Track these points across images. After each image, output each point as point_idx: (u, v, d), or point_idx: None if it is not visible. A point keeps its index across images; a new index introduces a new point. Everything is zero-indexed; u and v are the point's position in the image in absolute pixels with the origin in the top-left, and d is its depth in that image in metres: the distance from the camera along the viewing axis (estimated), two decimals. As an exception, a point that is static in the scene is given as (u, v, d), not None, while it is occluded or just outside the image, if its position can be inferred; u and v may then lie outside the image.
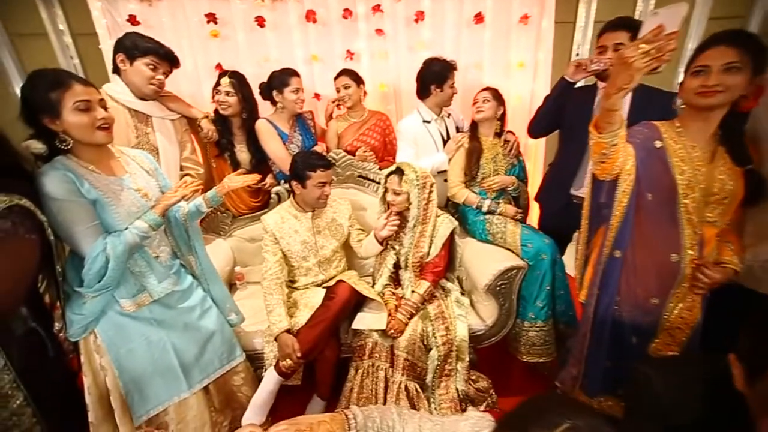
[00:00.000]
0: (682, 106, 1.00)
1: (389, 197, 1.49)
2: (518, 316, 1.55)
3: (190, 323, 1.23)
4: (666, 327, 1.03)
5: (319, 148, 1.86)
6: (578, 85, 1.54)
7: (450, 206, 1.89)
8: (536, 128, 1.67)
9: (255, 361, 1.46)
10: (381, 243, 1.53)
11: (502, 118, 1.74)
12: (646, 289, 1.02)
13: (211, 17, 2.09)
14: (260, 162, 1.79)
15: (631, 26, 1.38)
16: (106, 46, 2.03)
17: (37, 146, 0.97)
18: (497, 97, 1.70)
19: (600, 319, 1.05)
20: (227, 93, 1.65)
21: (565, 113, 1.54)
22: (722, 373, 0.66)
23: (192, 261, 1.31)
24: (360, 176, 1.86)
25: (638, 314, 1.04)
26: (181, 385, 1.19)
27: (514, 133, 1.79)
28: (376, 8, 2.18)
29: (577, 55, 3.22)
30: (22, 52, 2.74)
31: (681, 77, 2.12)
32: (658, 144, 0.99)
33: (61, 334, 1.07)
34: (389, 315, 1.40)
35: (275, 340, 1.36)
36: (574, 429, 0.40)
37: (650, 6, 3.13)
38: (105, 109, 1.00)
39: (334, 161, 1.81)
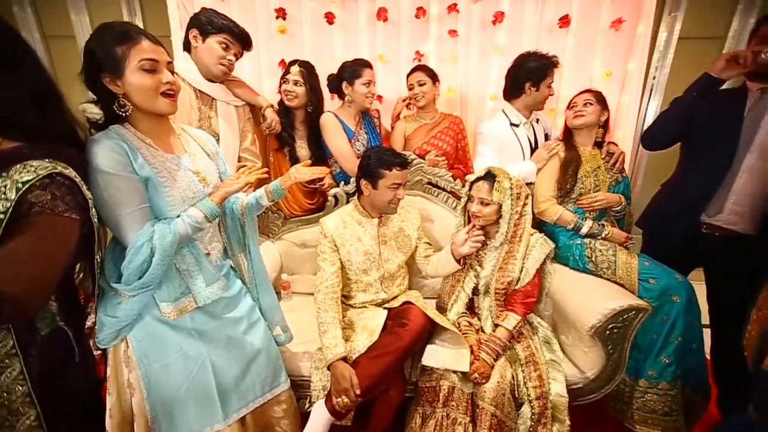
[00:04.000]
0: None
1: (474, 207, 1.24)
2: (629, 372, 1.21)
3: (234, 338, 1.02)
4: None
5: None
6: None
7: (534, 225, 1.60)
8: (658, 137, 1.37)
9: (297, 389, 1.22)
10: (458, 261, 1.27)
11: (605, 126, 1.46)
12: None
13: (281, 12, 2.02)
14: (319, 160, 1.62)
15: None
16: (176, 39, 2.01)
17: (94, 111, 0.84)
18: (601, 100, 1.44)
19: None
20: (295, 82, 1.51)
21: (703, 119, 1.24)
22: None
23: (243, 263, 1.12)
24: (429, 183, 1.63)
25: None
26: (216, 413, 0.96)
27: (617, 144, 1.50)
28: (452, 8, 2.03)
29: (654, 77, 2.84)
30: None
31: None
32: None
33: (92, 332, 0.90)
34: (471, 353, 1.12)
35: (327, 368, 1.12)
36: None
37: (748, 23, 2.75)
38: (172, 73, 0.86)
39: (403, 163, 1.61)
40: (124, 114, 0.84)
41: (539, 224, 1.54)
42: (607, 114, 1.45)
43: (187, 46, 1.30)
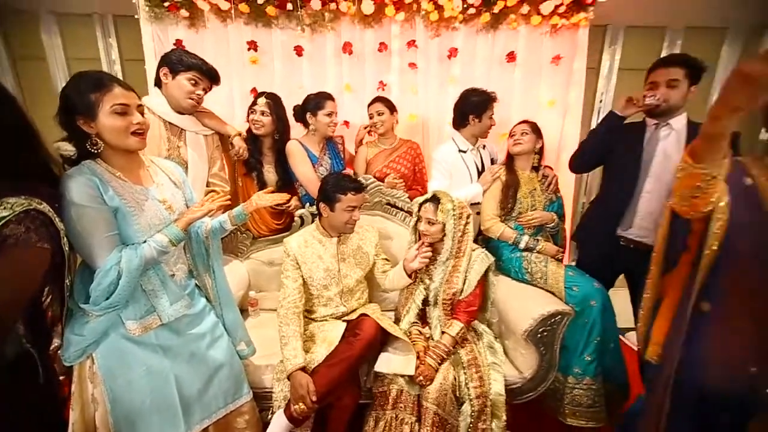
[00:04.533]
0: None
1: (422, 227, 1.39)
2: (560, 371, 1.36)
3: (197, 353, 1.10)
4: None
5: (348, 173, 1.81)
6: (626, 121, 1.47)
7: (481, 241, 1.77)
8: (579, 163, 1.58)
9: (260, 401, 1.30)
10: (410, 276, 1.40)
11: (540, 152, 1.66)
12: (743, 354, 0.85)
13: (253, 45, 2.17)
14: (286, 184, 1.74)
15: (687, 63, 1.34)
16: (151, 67, 2.11)
17: (67, 148, 0.94)
18: (536, 130, 1.65)
19: (682, 387, 0.87)
20: (262, 113, 1.64)
21: (613, 149, 1.46)
22: None
23: (208, 282, 1.21)
24: (388, 204, 1.78)
25: (732, 385, 0.86)
26: (179, 425, 1.03)
27: (551, 168, 1.71)
28: (411, 43, 2.24)
29: (601, 100, 3.23)
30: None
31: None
32: (748, 181, 0.87)
33: (57, 353, 0.96)
34: (417, 358, 1.24)
35: (288, 378, 1.21)
36: None
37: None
38: (142, 114, 0.97)
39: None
40: (96, 151, 0.94)
41: (486, 240, 1.71)
42: (541, 142, 1.66)
43: (158, 82, 1.41)
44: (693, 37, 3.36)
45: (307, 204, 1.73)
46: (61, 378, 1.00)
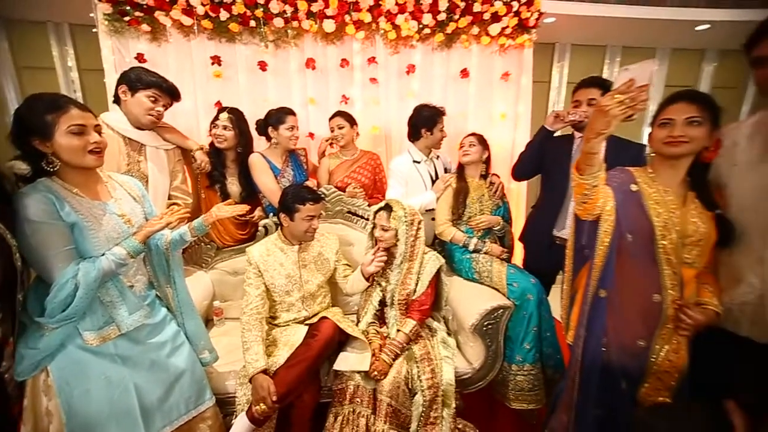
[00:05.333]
0: (652, 155, 1.08)
1: (377, 233, 1.50)
2: (505, 359, 1.50)
3: (157, 361, 1.14)
4: (654, 371, 1.01)
5: (311, 183, 1.89)
6: (557, 134, 1.66)
7: (437, 244, 1.90)
8: (519, 172, 1.76)
9: (225, 406, 1.34)
10: (367, 279, 1.50)
11: (487, 162, 1.83)
12: (633, 330, 1.02)
13: (216, 59, 2.22)
14: (250, 195, 1.80)
15: (602, 84, 1.54)
16: (111, 80, 2.11)
17: (21, 167, 0.96)
18: (482, 142, 1.80)
19: (588, 362, 1.03)
20: (224, 127, 1.70)
21: (546, 159, 1.64)
22: (722, 421, 0.64)
23: (169, 293, 1.25)
24: (349, 212, 1.88)
25: (626, 357, 1.02)
26: (138, 432, 1.06)
27: (498, 176, 1.87)
28: (372, 60, 2.38)
29: (553, 109, 3.57)
30: (26, 84, 2.83)
31: (648, 131, 2.33)
32: (633, 188, 1.05)
33: (6, 375, 0.97)
34: (373, 355, 1.34)
35: (250, 381, 1.26)
36: None
37: (614, 71, 3.53)
38: (99, 134, 1.02)
39: (324, 196, 1.84)
40: (52, 169, 0.98)
41: (442, 243, 1.84)
42: (487, 152, 1.82)
43: (116, 99, 1.45)
44: (629, 55, 3.74)
45: (271, 214, 1.80)
46: (13, 402, 1.00)
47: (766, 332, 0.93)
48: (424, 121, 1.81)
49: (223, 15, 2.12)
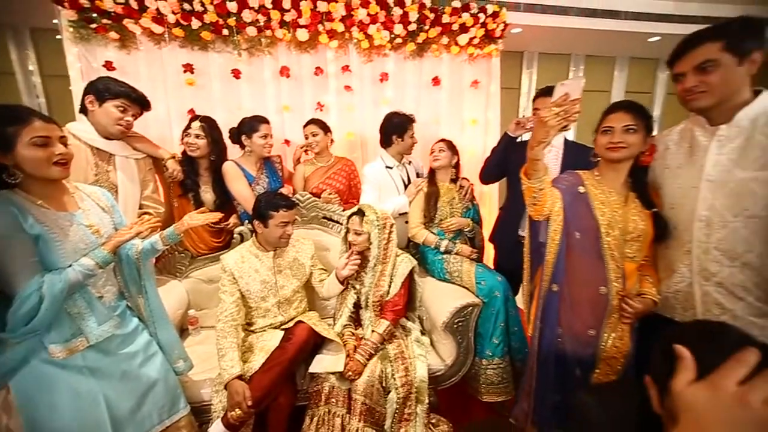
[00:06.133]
0: (597, 159, 1.18)
1: (351, 237, 1.54)
2: (476, 355, 1.57)
3: (129, 371, 1.13)
4: (604, 357, 1.10)
5: (286, 190, 1.92)
6: (520, 139, 1.76)
7: (411, 247, 1.96)
8: (486, 176, 1.85)
9: (201, 415, 1.34)
10: (342, 282, 1.54)
11: (457, 166, 1.91)
12: (583, 321, 1.10)
13: (189, 67, 2.22)
14: (224, 203, 1.81)
15: (549, 94, 1.66)
16: (77, 88, 2.06)
17: (-21, 180, 0.95)
18: (451, 147, 1.89)
19: (544, 351, 1.11)
20: (197, 136, 1.71)
21: (510, 163, 1.74)
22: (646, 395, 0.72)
23: (141, 303, 1.25)
24: (324, 217, 1.91)
25: (579, 346, 1.11)
26: (109, 445, 1.06)
27: (468, 180, 1.96)
28: (346, 68, 2.43)
29: (523, 115, 3.75)
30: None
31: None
32: (581, 189, 1.15)
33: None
34: (347, 356, 1.38)
35: (225, 388, 1.27)
36: None
37: (579, 81, 3.74)
38: (65, 145, 1.02)
39: (299, 203, 1.87)
40: (13, 182, 0.97)
41: (417, 245, 1.91)
42: (457, 157, 1.90)
43: (83, 109, 1.43)
44: (591, 63, 3.97)
45: (246, 221, 1.81)
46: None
47: (695, 317, 1.04)
48: (395, 128, 1.87)
49: (195, 24, 2.12)
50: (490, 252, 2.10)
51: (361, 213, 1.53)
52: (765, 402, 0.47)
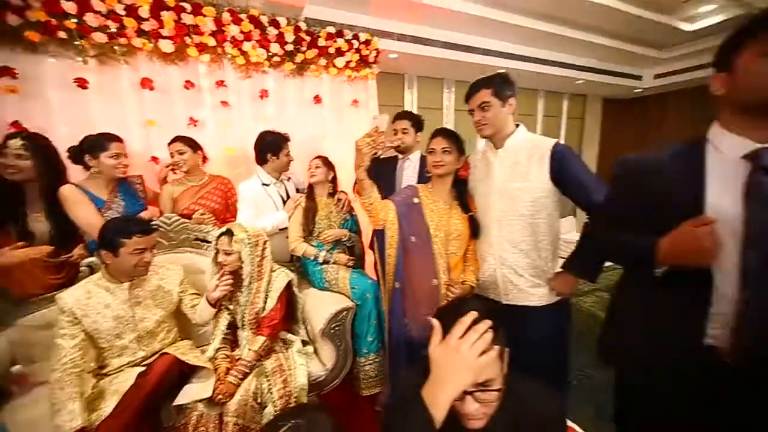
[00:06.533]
0: (430, 174, 1.45)
1: (220, 258, 1.52)
2: (356, 355, 1.71)
3: None
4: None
5: (149, 212, 1.77)
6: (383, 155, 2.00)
7: (295, 260, 2.02)
8: (357, 190, 2.03)
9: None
10: (214, 305, 1.50)
11: (334, 181, 2.05)
12: (423, 309, 1.34)
13: (8, 71, 1.85)
14: (64, 233, 1.57)
15: (411, 117, 1.94)
16: None
17: None
18: (327, 163, 2.02)
19: (394, 340, 1.30)
20: (18, 156, 1.46)
21: (377, 177, 1.95)
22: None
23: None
24: (197, 239, 1.82)
25: (422, 331, 1.33)
26: None
27: (345, 193, 2.12)
28: (220, 83, 2.37)
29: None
30: None
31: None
32: (415, 200, 1.38)
33: None
34: (218, 380, 1.35)
35: (64, 446, 1.12)
36: None
37: (452, 99, 4.34)
38: None
39: (165, 226, 1.75)
40: None
41: (300, 258, 1.97)
42: (333, 173, 2.04)
43: None
44: (461, 87, 4.66)
45: (96, 251, 1.60)
46: None
47: (500, 296, 1.36)
48: (269, 147, 1.92)
49: (14, 20, 1.79)
50: (371, 258, 2.30)
51: (229, 233, 1.53)
52: (469, 348, 0.68)
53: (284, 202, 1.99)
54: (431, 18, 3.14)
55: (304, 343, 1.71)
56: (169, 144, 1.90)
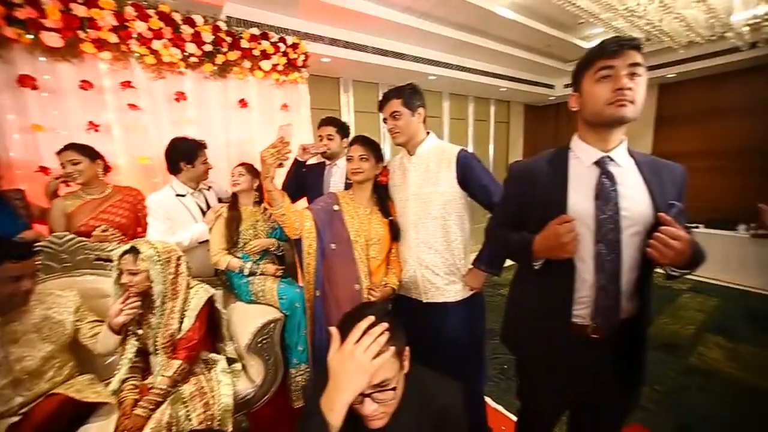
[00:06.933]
0: (350, 181, 1.47)
1: (125, 278, 1.38)
2: (288, 366, 1.67)
3: None
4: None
5: (33, 232, 1.54)
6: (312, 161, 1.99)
7: (221, 274, 1.91)
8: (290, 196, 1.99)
9: None
10: (118, 332, 1.36)
11: (260, 189, 1.97)
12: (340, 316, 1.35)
13: None
14: None
15: (336, 124, 1.95)
16: None
17: None
18: (252, 170, 1.94)
19: (317, 348, 1.30)
20: None
21: (305, 184, 1.94)
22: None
23: None
24: (99, 259, 1.63)
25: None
26: None
27: (274, 200, 2.06)
28: (127, 84, 2.14)
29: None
30: None
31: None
32: (336, 207, 1.40)
33: None
34: (123, 414, 1.22)
35: None
36: None
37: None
38: None
39: (56, 246, 1.53)
40: None
41: (225, 272, 1.87)
42: (258, 180, 1.96)
43: None
44: (395, 92, 4.76)
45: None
46: None
47: (420, 295, 1.43)
48: (182, 155, 1.79)
49: None
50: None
51: (134, 250, 1.39)
52: (363, 351, 0.71)
53: (204, 213, 1.87)
54: (363, 24, 3.20)
55: (232, 360, 1.62)
56: (59, 153, 1.68)
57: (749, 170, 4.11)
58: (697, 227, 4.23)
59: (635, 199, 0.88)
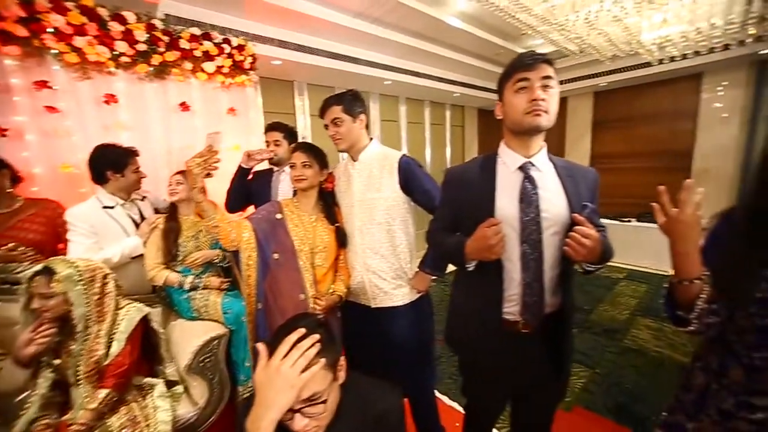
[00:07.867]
0: (295, 189, 1.43)
1: (36, 303, 1.23)
2: (236, 384, 1.59)
3: None
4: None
5: None
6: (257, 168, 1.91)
7: (159, 290, 1.77)
8: (230, 205, 1.90)
9: None
10: (27, 365, 1.20)
11: (203, 197, 1.86)
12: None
13: None
14: None
15: (284, 129, 1.90)
16: None
17: None
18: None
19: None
20: None
21: (252, 191, 1.86)
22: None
23: None
24: (5, 283, 1.44)
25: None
26: None
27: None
28: (42, 84, 1.93)
29: (304, 137, 4.09)
30: None
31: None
32: (278, 216, 1.36)
33: None
34: (34, 458, 1.09)
35: None
36: None
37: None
38: None
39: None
40: None
41: (164, 288, 1.73)
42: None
43: None
44: (350, 95, 4.75)
45: None
46: None
47: (369, 301, 1.43)
48: (109, 164, 1.64)
49: None
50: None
51: (47, 271, 1.24)
52: (291, 366, 0.69)
53: (138, 226, 1.73)
54: (314, 27, 3.16)
55: (172, 383, 1.51)
56: (-47, 163, 1.46)
57: (662, 170, 4.69)
58: (629, 221, 4.67)
59: (553, 202, 0.95)
